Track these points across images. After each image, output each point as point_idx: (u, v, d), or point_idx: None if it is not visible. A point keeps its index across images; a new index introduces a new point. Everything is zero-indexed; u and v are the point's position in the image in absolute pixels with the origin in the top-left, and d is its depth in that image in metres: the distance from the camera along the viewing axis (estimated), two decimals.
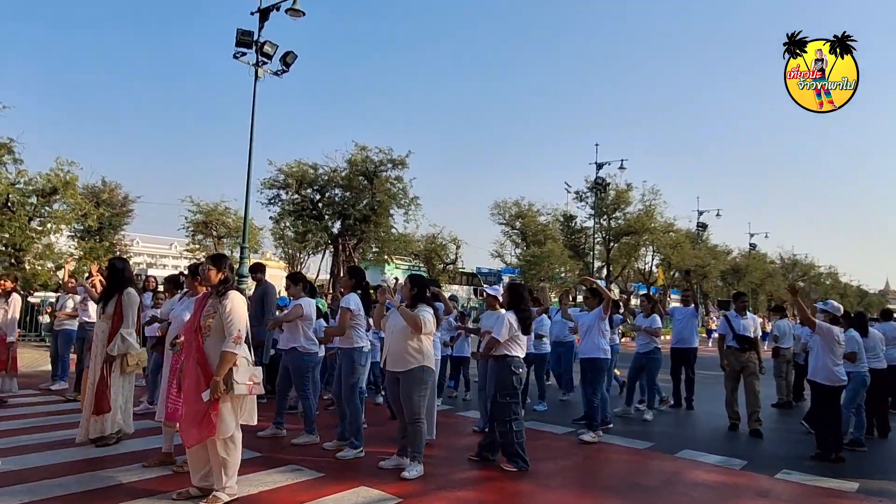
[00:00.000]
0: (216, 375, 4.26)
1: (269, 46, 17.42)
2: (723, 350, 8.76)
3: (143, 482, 4.79)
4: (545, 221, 37.39)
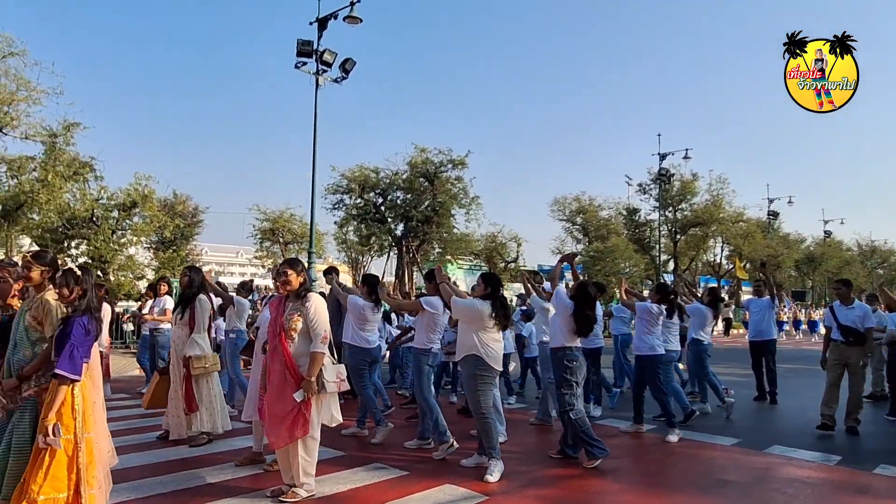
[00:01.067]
0: (308, 376, 4.37)
1: (328, 55, 17.80)
2: (827, 344, 7.85)
3: (237, 480, 4.96)
4: (607, 216, 36.77)
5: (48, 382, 3.66)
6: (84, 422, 3.54)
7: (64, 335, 3.49)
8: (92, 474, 3.53)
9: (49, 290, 3.82)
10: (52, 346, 3.63)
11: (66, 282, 3.63)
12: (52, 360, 3.56)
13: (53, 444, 3.36)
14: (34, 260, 3.80)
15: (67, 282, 3.63)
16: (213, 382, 6.36)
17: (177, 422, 6.18)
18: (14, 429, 3.60)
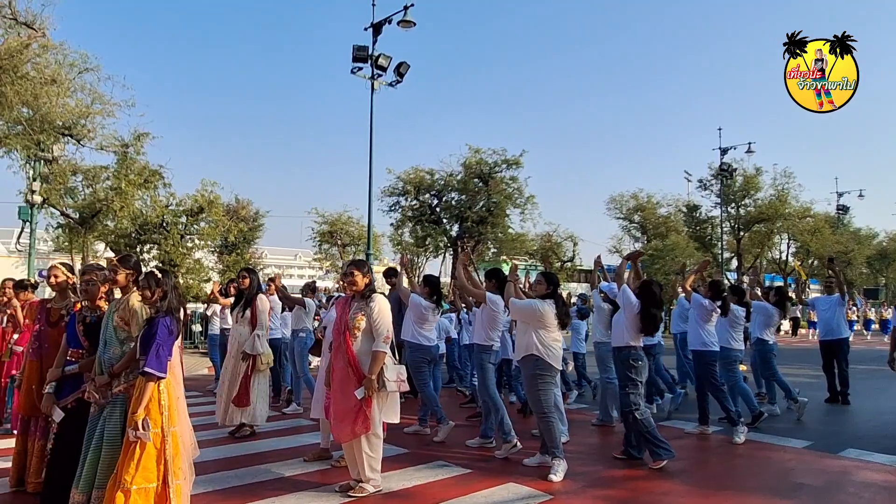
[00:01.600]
0: (369, 374, 4.49)
1: (383, 59, 18.08)
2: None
3: (307, 475, 5.13)
4: (666, 213, 35.94)
5: (136, 379, 3.89)
6: (170, 416, 3.74)
7: (149, 335, 3.71)
8: (178, 465, 3.73)
9: (134, 293, 4.06)
10: (137, 346, 3.86)
11: (148, 284, 3.84)
12: (137, 358, 3.78)
13: (143, 438, 3.57)
14: (120, 264, 4.04)
15: (149, 284, 3.84)
16: (263, 379, 6.65)
17: (223, 411, 6.46)
18: (106, 422, 3.84)
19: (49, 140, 13.45)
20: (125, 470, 3.55)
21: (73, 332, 4.19)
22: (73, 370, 4.12)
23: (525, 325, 5.41)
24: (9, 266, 27.91)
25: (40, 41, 12.66)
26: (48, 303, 4.88)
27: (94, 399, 3.85)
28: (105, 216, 18.33)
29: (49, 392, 4.11)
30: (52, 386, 4.11)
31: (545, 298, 5.44)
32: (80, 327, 4.18)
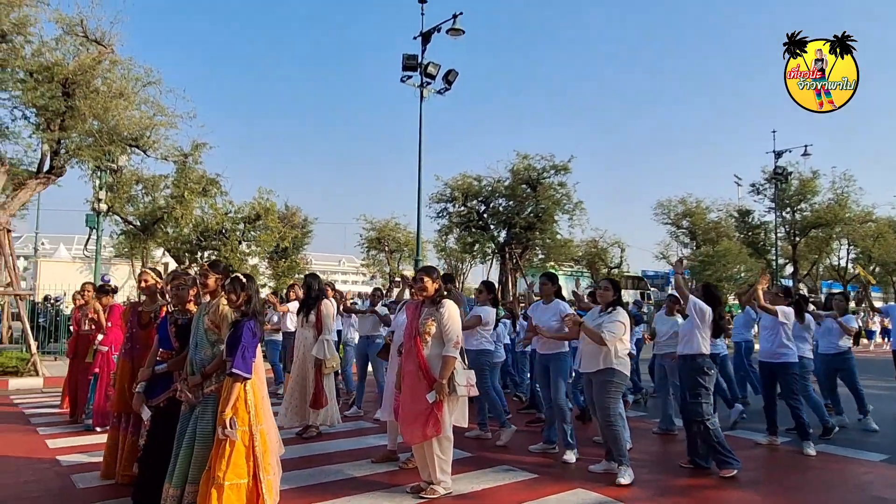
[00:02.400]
0: (440, 378, 4.58)
1: (432, 67, 18.29)
2: None
3: (376, 476, 5.25)
4: (716, 218, 35.21)
5: (225, 380, 4.07)
6: (256, 414, 3.91)
7: (235, 338, 3.88)
8: (267, 462, 3.90)
9: (223, 296, 4.25)
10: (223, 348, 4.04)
11: (234, 288, 4.02)
12: (225, 360, 3.96)
13: (231, 436, 3.74)
14: (210, 269, 4.24)
15: (235, 288, 4.01)
16: (330, 381, 6.80)
17: (290, 413, 6.63)
18: (198, 420, 4.03)
19: (118, 151, 14.05)
20: (217, 466, 3.73)
21: (166, 334, 4.41)
22: (162, 370, 4.34)
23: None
24: (73, 271, 29.14)
25: (109, 57, 13.27)
26: (139, 306, 5.15)
27: (187, 398, 4.05)
28: (166, 223, 19.07)
29: (139, 391, 4.33)
30: (142, 385, 4.34)
31: (613, 305, 5.44)
32: (172, 329, 4.39)
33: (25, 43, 11.98)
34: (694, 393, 5.52)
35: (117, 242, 26.65)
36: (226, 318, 4.14)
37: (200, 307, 4.34)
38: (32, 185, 13.35)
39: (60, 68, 11.97)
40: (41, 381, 11.40)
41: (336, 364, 6.74)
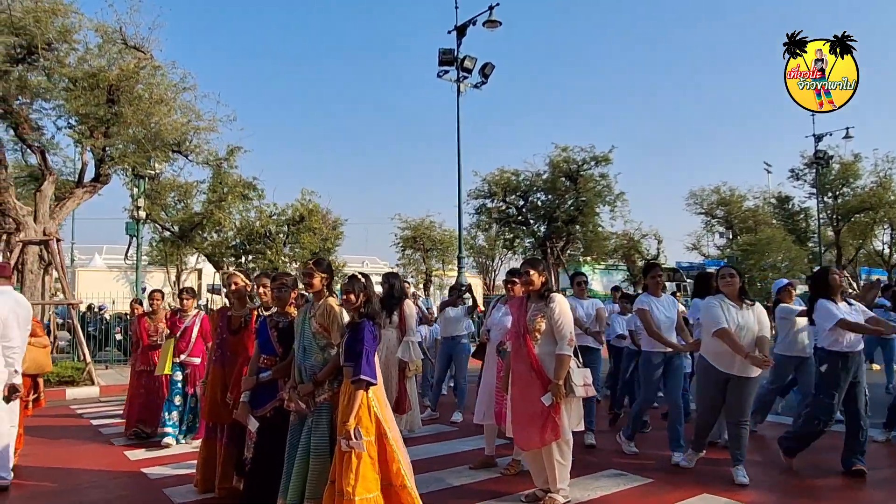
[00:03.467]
0: (556, 379, 4.26)
1: (468, 61, 17.99)
2: None
3: (480, 484, 4.95)
4: (752, 206, 34.39)
5: (340, 387, 3.80)
6: (385, 422, 3.63)
7: (355, 341, 3.61)
8: (404, 470, 3.63)
9: (330, 297, 3.98)
10: (340, 352, 3.76)
11: (352, 288, 3.74)
12: (342, 365, 3.69)
13: (357, 448, 3.47)
14: (315, 267, 3.97)
15: (353, 288, 3.74)
16: (412, 384, 6.53)
17: None
18: (312, 432, 3.76)
19: (161, 157, 13.97)
20: (345, 482, 3.45)
21: (266, 339, 4.16)
22: (267, 377, 4.08)
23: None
24: (109, 280, 29.31)
25: (150, 63, 13.17)
26: (228, 311, 4.91)
27: (299, 408, 3.78)
28: (205, 229, 19.02)
29: (244, 401, 4.08)
30: (247, 394, 4.09)
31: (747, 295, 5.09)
32: (273, 333, 4.14)
33: (71, 50, 11.90)
34: (829, 390, 5.09)
35: (152, 250, 26.81)
36: (336, 320, 3.87)
37: (303, 309, 4.07)
38: (79, 194, 13.30)
39: (106, 75, 11.86)
40: (97, 390, 11.33)
41: (418, 367, 6.47)
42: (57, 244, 12.35)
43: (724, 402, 5.01)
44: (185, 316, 6.56)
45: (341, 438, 3.51)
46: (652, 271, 5.98)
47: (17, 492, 4.91)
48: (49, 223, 12.52)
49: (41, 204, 12.51)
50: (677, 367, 5.75)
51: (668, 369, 5.68)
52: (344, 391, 3.68)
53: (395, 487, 3.63)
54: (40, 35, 11.10)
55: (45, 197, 12.63)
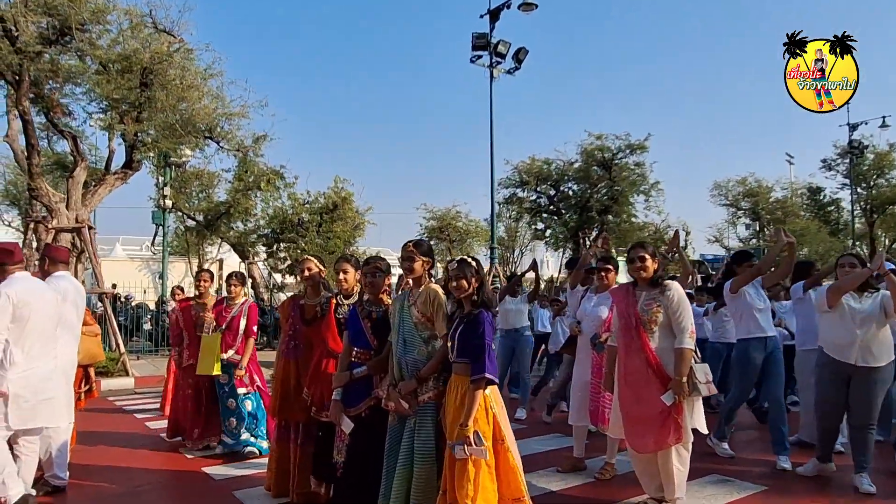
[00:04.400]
0: (678, 375, 3.82)
1: (502, 46, 17.47)
2: None
3: (575, 490, 4.55)
4: (780, 197, 33.62)
5: (446, 385, 3.39)
6: (504, 426, 3.22)
7: (472, 333, 3.18)
8: (521, 480, 3.22)
9: (431, 283, 3.57)
10: (446, 346, 3.35)
11: (464, 273, 3.31)
12: (454, 361, 3.27)
13: (478, 455, 3.05)
14: (416, 249, 3.55)
15: (465, 273, 3.30)
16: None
17: None
18: (415, 435, 3.35)
19: (193, 143, 13.62)
20: (462, 492, 3.03)
21: (359, 330, 3.74)
22: (361, 373, 3.67)
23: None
24: (132, 270, 29.19)
25: (183, 45, 12.80)
26: (300, 299, 4.50)
27: (400, 408, 3.37)
28: (231, 218, 18.67)
29: (337, 399, 3.67)
30: (339, 392, 3.68)
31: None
32: (366, 324, 3.72)
33: (104, 32, 11.55)
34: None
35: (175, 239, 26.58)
36: (441, 309, 3.45)
37: (400, 297, 3.65)
38: (110, 181, 13.00)
39: (140, 57, 11.49)
40: (132, 381, 11.06)
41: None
42: (89, 232, 12.06)
43: (847, 402, 4.56)
44: (232, 305, 5.75)
45: (455, 444, 3.08)
46: (747, 259, 5.56)
47: (75, 494, 4.56)
48: (81, 210, 12.22)
49: (73, 191, 12.21)
50: (778, 360, 5.29)
51: (769, 361, 5.24)
52: (452, 389, 3.26)
53: (512, 501, 3.21)
54: (74, 15, 10.75)
55: (78, 183, 12.32)
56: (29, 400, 4.02)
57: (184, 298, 7.14)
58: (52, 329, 4.31)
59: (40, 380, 4.12)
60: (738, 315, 5.43)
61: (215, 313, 5.80)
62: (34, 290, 4.24)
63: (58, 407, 4.34)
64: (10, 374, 3.95)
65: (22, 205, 25.83)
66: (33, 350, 4.11)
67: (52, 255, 4.75)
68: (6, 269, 4.24)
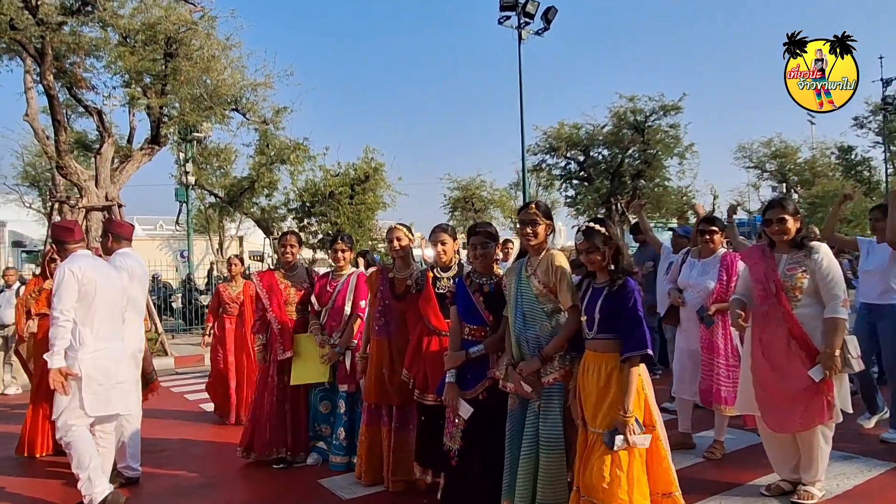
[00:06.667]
0: (830, 348, 3.41)
1: (531, 5, 16.82)
2: None
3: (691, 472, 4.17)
4: (808, 157, 32.75)
5: (572, 364, 3.02)
6: (654, 407, 2.85)
7: (621, 305, 2.78)
8: (672, 471, 2.85)
9: (551, 250, 3.17)
10: (574, 319, 2.96)
11: (593, 243, 2.87)
12: (593, 338, 2.88)
13: (642, 444, 2.69)
14: (538, 211, 3.14)
15: (595, 243, 2.88)
16: None
17: None
18: (541, 420, 2.99)
19: (218, 115, 13.20)
20: (614, 486, 2.66)
21: (470, 305, 3.35)
22: (478, 352, 3.29)
23: None
24: (153, 249, 29.03)
25: (207, 13, 12.30)
26: (387, 271, 4.12)
27: (522, 391, 3.00)
28: (257, 193, 18.29)
29: (451, 381, 3.31)
30: (453, 373, 3.31)
31: None
32: (478, 298, 3.34)
33: (125, 1, 11.05)
34: None
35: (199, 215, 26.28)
36: (566, 278, 3.05)
37: (515, 267, 3.26)
38: (138, 157, 12.62)
39: (165, 26, 11.01)
40: (172, 361, 10.84)
41: None
42: (119, 210, 11.73)
43: None
44: (338, 277, 4.62)
45: (612, 433, 2.70)
46: (874, 213, 5.11)
47: (151, 485, 4.27)
48: (110, 188, 11.87)
49: (101, 168, 11.85)
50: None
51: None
52: (591, 370, 2.87)
53: (662, 496, 2.85)
54: None
55: (106, 160, 11.96)
56: (102, 384, 3.73)
57: (265, 272, 5.21)
58: (119, 309, 4.00)
59: (111, 362, 3.82)
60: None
61: (317, 290, 4.68)
62: (99, 267, 3.93)
63: (130, 392, 4.05)
64: (79, 355, 3.64)
65: (41, 186, 25.68)
66: (101, 331, 3.79)
67: (116, 231, 4.41)
68: (67, 248, 3.94)
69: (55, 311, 3.61)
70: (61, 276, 3.66)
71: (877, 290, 4.83)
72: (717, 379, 4.30)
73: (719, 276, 4.40)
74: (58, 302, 3.61)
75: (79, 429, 3.64)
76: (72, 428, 3.61)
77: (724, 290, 4.35)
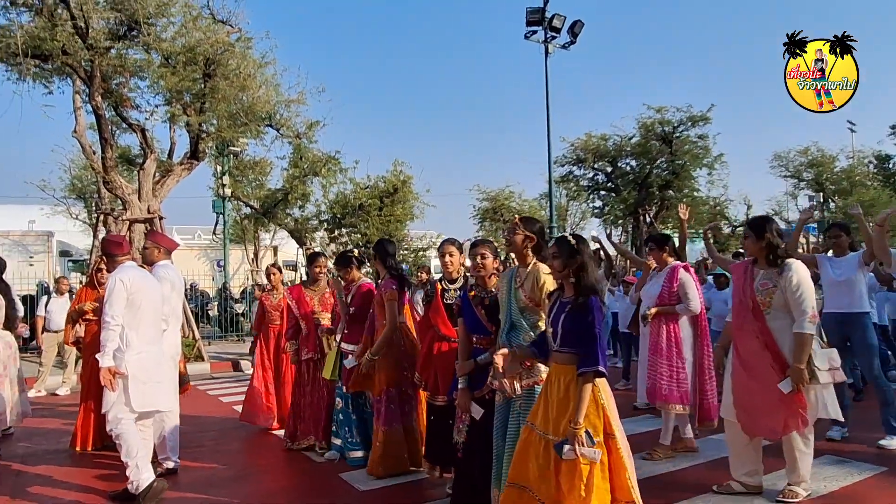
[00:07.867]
0: (796, 362, 3.65)
1: (557, 19, 17.11)
2: None
3: (679, 475, 4.42)
4: (845, 166, 32.14)
5: (541, 375, 3.30)
6: (613, 417, 3.00)
7: (581, 321, 2.97)
8: (632, 481, 2.98)
9: (537, 263, 3.48)
10: (555, 333, 3.21)
11: (560, 252, 3.07)
12: (557, 351, 3.06)
13: (590, 456, 2.84)
14: (524, 224, 3.48)
15: (561, 252, 3.07)
16: None
17: None
18: (520, 420, 3.24)
19: (254, 131, 13.83)
20: (573, 495, 2.82)
21: (474, 318, 3.69)
22: (486, 359, 3.59)
23: None
24: (191, 258, 30.00)
25: (242, 35, 12.95)
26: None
27: (508, 391, 3.26)
28: (290, 204, 18.92)
29: (464, 387, 3.63)
30: (465, 380, 3.63)
31: None
32: (480, 311, 3.67)
33: (168, 25, 11.75)
34: None
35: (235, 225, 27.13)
36: (543, 292, 3.34)
37: (507, 276, 3.57)
38: (178, 172, 13.30)
39: (204, 48, 11.67)
40: (208, 366, 11.38)
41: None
42: (160, 223, 12.39)
43: None
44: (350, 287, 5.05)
45: (563, 443, 2.84)
46: (832, 230, 5.43)
47: (186, 477, 4.70)
48: (152, 201, 12.55)
49: (144, 182, 12.55)
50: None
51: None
52: (553, 380, 3.07)
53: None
54: (140, 10, 10.96)
55: (148, 175, 12.65)
56: (146, 382, 4.15)
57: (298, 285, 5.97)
58: (160, 316, 4.43)
59: (153, 363, 4.25)
60: None
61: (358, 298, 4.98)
62: (145, 277, 4.37)
63: (169, 391, 4.49)
64: (126, 356, 4.07)
65: (87, 198, 26.85)
66: (145, 335, 4.23)
67: (161, 243, 4.87)
68: (116, 259, 4.38)
69: (106, 315, 4.05)
70: (112, 284, 4.11)
71: (846, 299, 5.02)
72: (659, 378, 4.59)
73: (663, 284, 4.81)
74: (109, 308, 4.05)
75: (127, 422, 4.06)
76: (121, 421, 4.04)
77: (666, 295, 4.76)
